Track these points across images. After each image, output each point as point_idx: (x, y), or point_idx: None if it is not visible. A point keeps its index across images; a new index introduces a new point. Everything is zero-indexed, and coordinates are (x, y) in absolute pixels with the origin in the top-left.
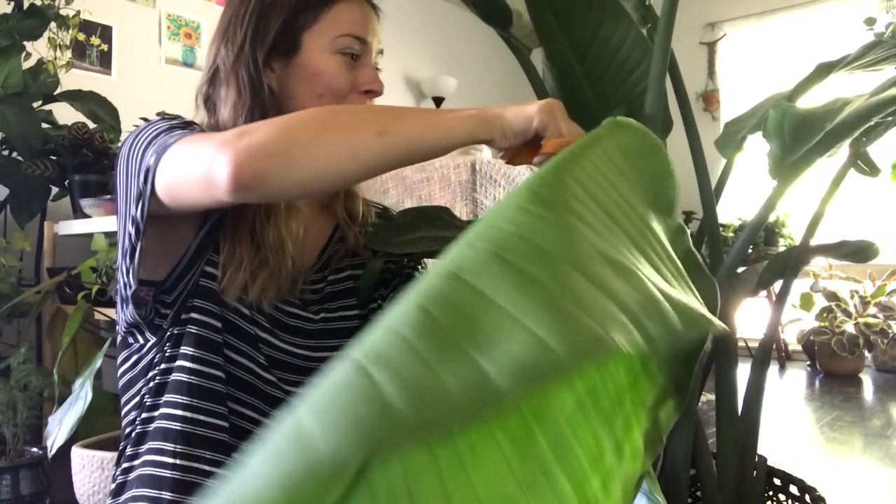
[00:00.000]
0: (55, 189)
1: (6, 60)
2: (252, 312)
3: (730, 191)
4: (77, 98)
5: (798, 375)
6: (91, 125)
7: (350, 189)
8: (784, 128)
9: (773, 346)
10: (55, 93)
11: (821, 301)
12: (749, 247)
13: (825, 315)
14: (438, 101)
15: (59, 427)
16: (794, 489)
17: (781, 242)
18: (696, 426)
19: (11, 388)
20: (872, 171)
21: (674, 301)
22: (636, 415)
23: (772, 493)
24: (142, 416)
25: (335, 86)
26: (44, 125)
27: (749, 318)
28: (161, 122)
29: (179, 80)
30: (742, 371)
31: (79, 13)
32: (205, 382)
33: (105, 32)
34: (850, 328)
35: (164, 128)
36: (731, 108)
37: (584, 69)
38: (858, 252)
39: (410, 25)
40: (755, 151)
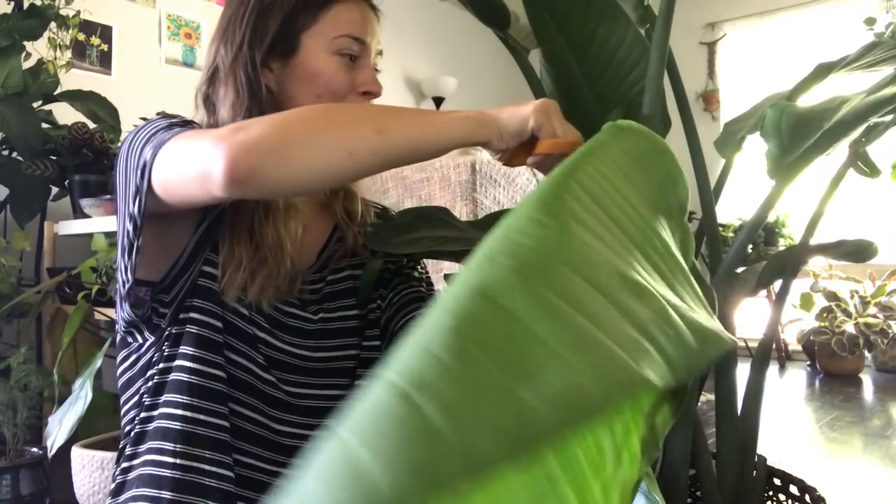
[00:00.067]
0: (55, 189)
1: (6, 60)
2: (251, 312)
3: (730, 191)
4: (77, 98)
5: (798, 375)
6: (91, 125)
7: (349, 189)
8: (782, 127)
9: (773, 346)
10: (55, 93)
11: (821, 301)
12: (748, 246)
13: (825, 315)
14: (438, 101)
15: (59, 427)
16: (794, 489)
17: (781, 242)
18: (696, 426)
19: (11, 388)
20: (872, 172)
21: (688, 320)
22: (634, 420)
23: (772, 493)
24: (141, 416)
25: (333, 87)
26: (44, 125)
27: (749, 318)
28: (160, 121)
29: (179, 80)
30: (742, 371)
31: (79, 13)
32: (205, 382)
33: (105, 32)
34: (850, 328)
35: (163, 125)
36: (731, 108)
37: (583, 70)
38: (857, 251)
39: (410, 25)
40: (756, 151)
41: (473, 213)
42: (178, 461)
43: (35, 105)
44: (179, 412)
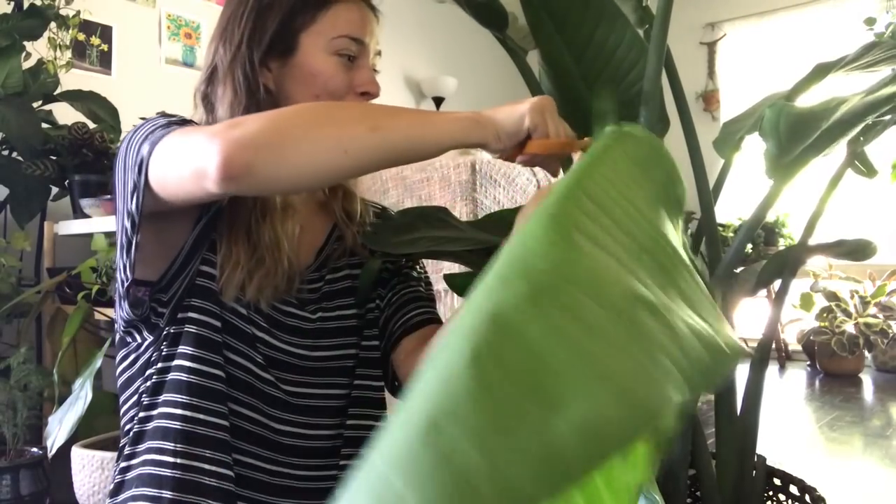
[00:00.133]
0: (55, 189)
1: (6, 60)
2: (249, 312)
3: (731, 191)
4: (77, 98)
5: (798, 375)
6: (91, 125)
7: (348, 189)
8: (780, 127)
9: (773, 346)
10: (55, 93)
11: (821, 301)
12: (747, 246)
13: (825, 315)
14: (438, 102)
15: (59, 427)
16: (794, 489)
17: (781, 242)
18: (695, 426)
19: (11, 388)
20: (870, 172)
21: (704, 337)
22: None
23: (772, 493)
24: (140, 415)
25: (331, 87)
26: (44, 125)
27: (748, 318)
28: (159, 119)
29: (179, 80)
30: (741, 371)
31: (79, 13)
32: (205, 381)
33: (105, 32)
34: (850, 328)
35: (162, 123)
36: (731, 108)
37: (581, 70)
38: (856, 251)
39: (410, 25)
40: (756, 151)
41: (473, 213)
42: (179, 460)
43: (35, 105)
44: (179, 412)
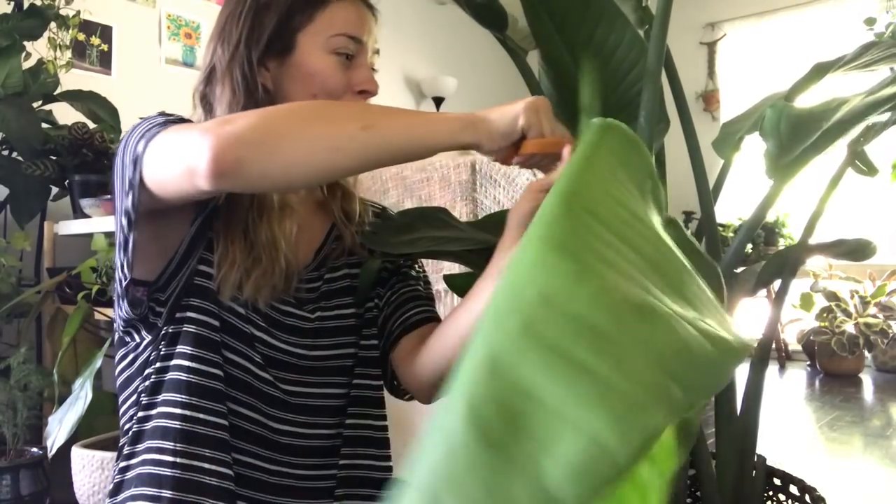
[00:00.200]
0: (55, 189)
1: (6, 60)
2: (247, 311)
3: (731, 191)
4: (77, 98)
5: (798, 375)
6: (91, 125)
7: (346, 189)
8: (780, 127)
9: (773, 346)
10: (55, 93)
11: (821, 301)
12: (747, 246)
13: (825, 315)
14: (438, 102)
15: (59, 427)
16: (794, 489)
17: (781, 242)
18: None
19: (11, 388)
20: (870, 171)
21: (711, 336)
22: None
23: (772, 493)
24: (139, 415)
25: (330, 86)
26: (44, 125)
27: (748, 318)
28: (157, 118)
29: (179, 80)
30: (741, 371)
31: (79, 13)
32: (203, 381)
33: (105, 32)
34: (850, 328)
35: (159, 122)
36: (731, 108)
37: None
38: (856, 251)
39: (410, 25)
40: (756, 151)
41: (473, 213)
42: (178, 460)
43: (35, 105)
44: (178, 411)
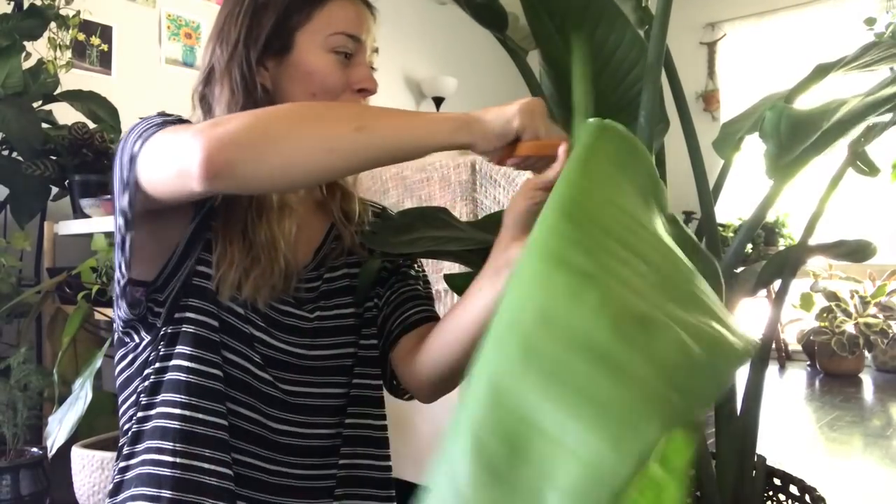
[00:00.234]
0: (55, 189)
1: (6, 60)
2: (247, 311)
3: (731, 191)
4: (77, 98)
5: (798, 375)
6: (91, 125)
7: (346, 189)
8: (780, 128)
9: (773, 346)
10: (55, 93)
11: (821, 301)
12: (747, 246)
13: (825, 315)
14: (438, 102)
15: (59, 427)
16: (794, 489)
17: (781, 242)
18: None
19: (11, 388)
20: (871, 171)
21: (714, 340)
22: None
23: (772, 493)
24: (138, 415)
25: (328, 84)
26: (44, 125)
27: (748, 318)
28: (156, 118)
29: (179, 80)
30: (741, 371)
31: (79, 13)
32: (203, 381)
33: (105, 32)
34: (850, 328)
35: (157, 122)
36: (732, 108)
37: None
38: (856, 251)
39: (410, 25)
40: (756, 151)
41: (473, 213)
42: (178, 460)
43: (35, 105)
44: (177, 411)
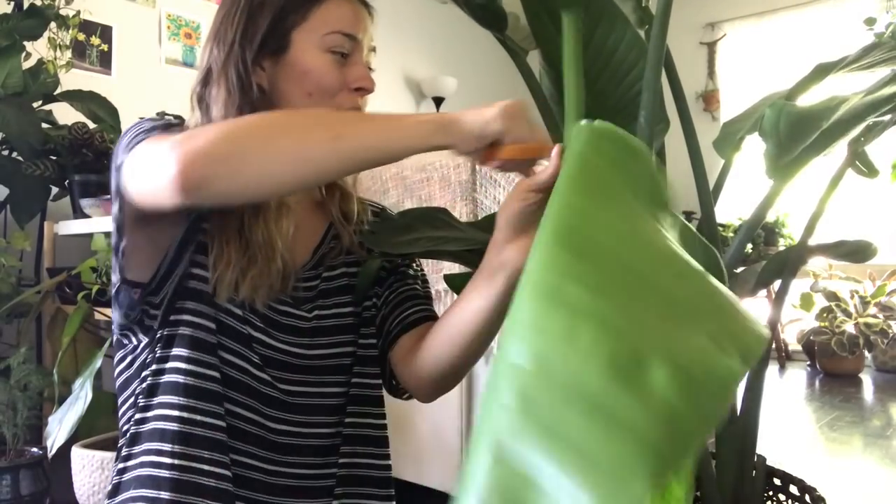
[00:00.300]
0: (55, 189)
1: (6, 60)
2: (245, 312)
3: (731, 191)
4: (77, 98)
5: (798, 375)
6: (91, 125)
7: (345, 189)
8: (780, 127)
9: (773, 346)
10: (55, 93)
11: (821, 301)
12: (746, 246)
13: (825, 315)
14: (438, 102)
15: (59, 427)
16: (794, 489)
17: (781, 242)
18: None
19: (11, 388)
20: (871, 172)
21: (713, 365)
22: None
23: (772, 493)
24: (136, 417)
25: (325, 84)
26: (44, 125)
27: None
28: (147, 122)
29: (179, 80)
30: None
31: (79, 13)
32: (201, 383)
33: (105, 32)
34: (850, 328)
35: (147, 127)
36: (732, 108)
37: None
38: (856, 252)
39: (410, 25)
40: (756, 151)
41: (473, 214)
42: (176, 461)
43: (35, 105)
44: (175, 413)
